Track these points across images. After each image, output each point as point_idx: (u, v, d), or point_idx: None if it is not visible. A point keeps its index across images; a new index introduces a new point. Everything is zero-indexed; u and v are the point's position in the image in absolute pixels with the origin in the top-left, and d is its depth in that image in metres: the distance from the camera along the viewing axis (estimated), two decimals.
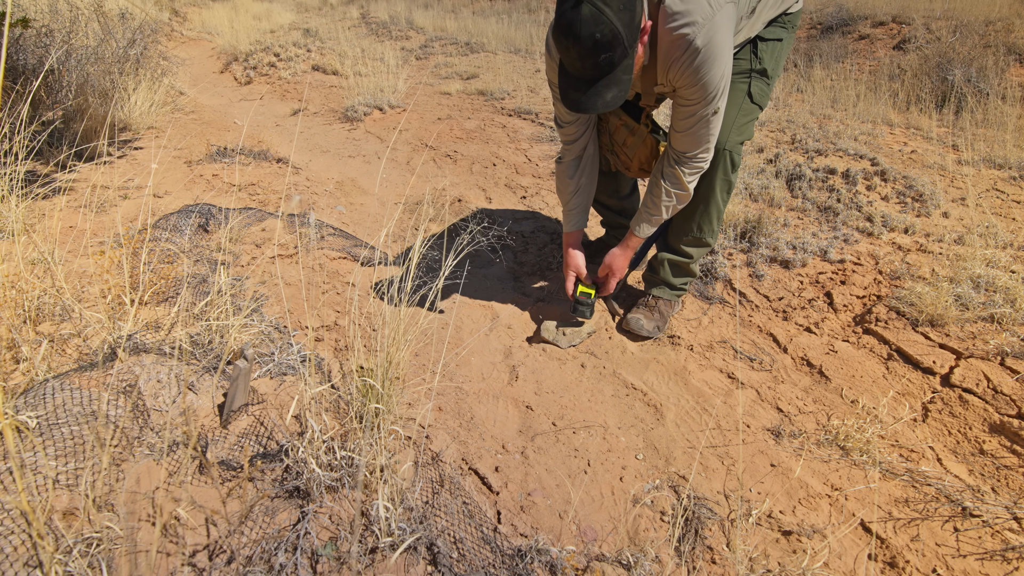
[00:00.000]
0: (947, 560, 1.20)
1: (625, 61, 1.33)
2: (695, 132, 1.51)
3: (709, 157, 1.58)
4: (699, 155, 1.57)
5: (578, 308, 1.86)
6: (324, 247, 2.22)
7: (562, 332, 1.86)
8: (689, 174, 1.60)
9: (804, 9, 6.52)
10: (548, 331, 1.85)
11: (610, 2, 1.25)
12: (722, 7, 1.37)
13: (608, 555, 1.16)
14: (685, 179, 1.60)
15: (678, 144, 1.57)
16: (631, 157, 1.81)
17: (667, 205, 1.67)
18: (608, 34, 1.26)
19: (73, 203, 2.30)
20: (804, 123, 3.68)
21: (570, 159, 1.81)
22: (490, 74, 5.28)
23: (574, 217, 1.86)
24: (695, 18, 1.34)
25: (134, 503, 0.99)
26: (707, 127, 1.50)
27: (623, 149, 1.82)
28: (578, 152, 1.79)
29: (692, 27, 1.35)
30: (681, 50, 1.38)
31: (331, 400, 1.37)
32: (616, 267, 1.81)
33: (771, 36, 1.67)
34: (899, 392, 1.67)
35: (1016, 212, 2.55)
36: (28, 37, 2.71)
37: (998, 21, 5.07)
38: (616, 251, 1.81)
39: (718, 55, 1.38)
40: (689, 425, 1.56)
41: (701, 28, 1.35)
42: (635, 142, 1.78)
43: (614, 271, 1.82)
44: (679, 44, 1.38)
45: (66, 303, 1.46)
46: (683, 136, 1.54)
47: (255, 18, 8.57)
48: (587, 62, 1.31)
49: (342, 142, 4.04)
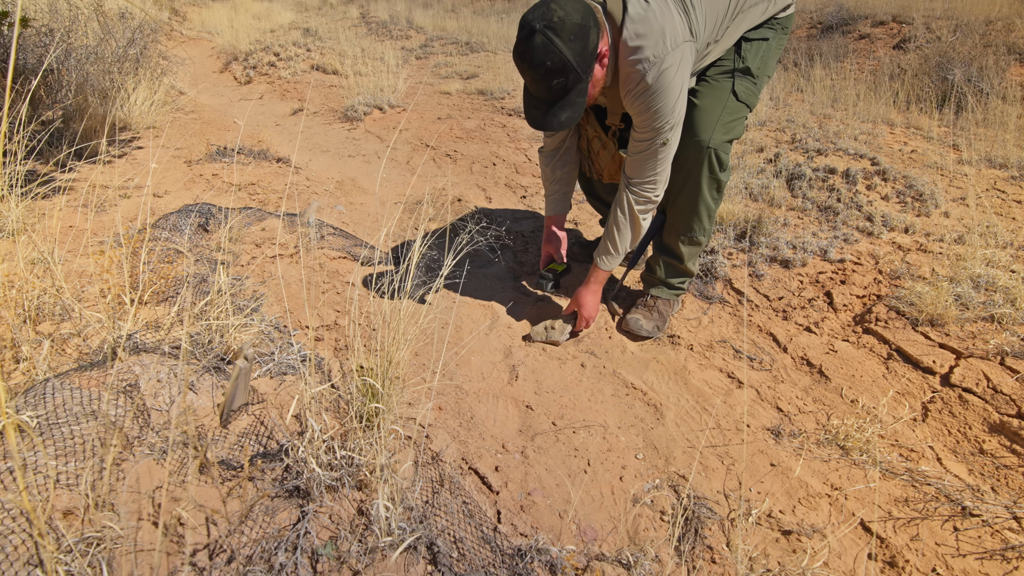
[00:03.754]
0: (947, 560, 1.20)
1: (579, 86, 1.44)
2: (643, 161, 1.58)
3: (658, 189, 1.62)
4: (646, 185, 1.61)
5: (539, 281, 1.97)
6: (324, 247, 2.22)
7: (552, 327, 1.84)
8: (638, 204, 1.64)
9: (804, 8, 6.53)
10: (538, 333, 1.84)
11: (561, 33, 1.35)
12: (678, 45, 1.44)
13: (608, 554, 1.16)
14: (635, 208, 1.64)
15: (629, 169, 1.64)
16: (602, 167, 1.92)
17: (619, 235, 1.70)
18: (558, 63, 1.37)
19: (73, 203, 2.29)
20: (804, 122, 3.68)
21: (550, 150, 1.92)
22: (490, 73, 5.28)
23: (553, 203, 1.99)
24: (648, 55, 1.42)
25: (135, 503, 0.99)
26: (655, 158, 1.56)
27: (596, 158, 1.92)
28: (557, 144, 1.90)
29: (644, 63, 1.43)
30: (634, 83, 1.47)
31: (331, 400, 1.37)
32: (584, 305, 1.81)
33: (756, 36, 1.70)
34: (899, 392, 1.67)
35: (1016, 212, 2.55)
36: (28, 36, 2.71)
37: (998, 21, 5.07)
38: (582, 290, 1.82)
39: (668, 91, 1.46)
40: (689, 425, 1.56)
41: (653, 65, 1.43)
42: (605, 155, 1.87)
43: (582, 310, 1.81)
44: (632, 77, 1.47)
45: (66, 303, 1.46)
46: (633, 162, 1.61)
47: (255, 17, 8.56)
48: (541, 85, 1.43)
49: (342, 142, 4.04)
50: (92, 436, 1.06)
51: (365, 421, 1.22)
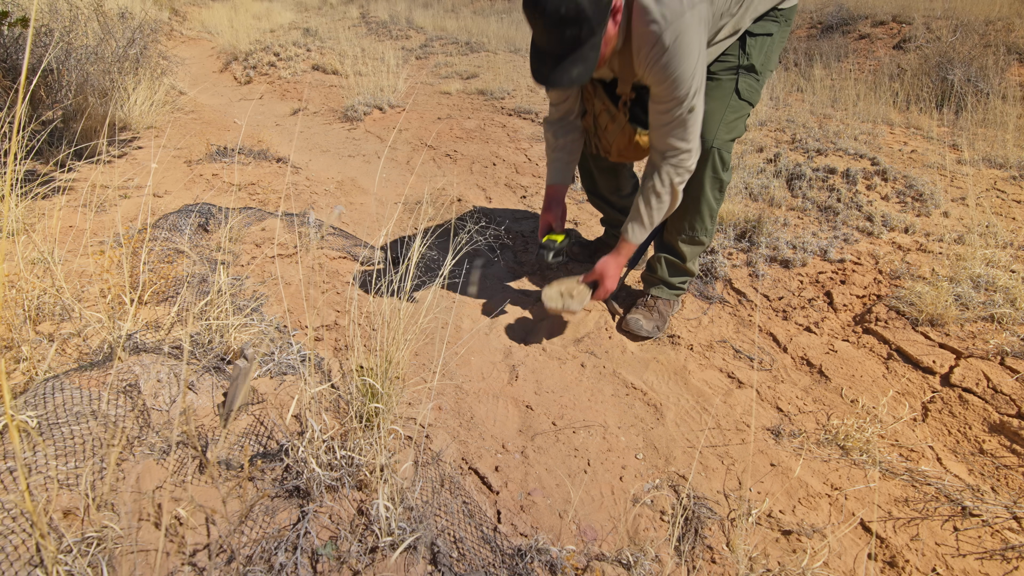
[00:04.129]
0: (947, 559, 1.20)
1: (592, 39, 1.36)
2: (672, 131, 1.51)
3: (692, 158, 1.56)
4: (681, 156, 1.55)
5: (540, 252, 1.85)
6: (324, 247, 2.22)
7: (569, 295, 1.74)
8: (678, 176, 1.58)
9: (804, 8, 6.53)
10: (552, 299, 1.72)
11: None
12: (694, 5, 1.37)
13: (608, 554, 1.16)
14: (673, 180, 1.58)
15: (659, 143, 1.56)
16: (610, 142, 1.81)
17: (656, 207, 1.64)
18: (573, 10, 1.29)
19: (73, 203, 2.29)
20: (804, 122, 3.68)
21: (555, 118, 1.84)
22: (490, 73, 5.28)
23: (555, 171, 1.88)
24: (664, 14, 1.35)
25: (135, 503, 0.99)
26: (683, 127, 1.50)
27: (604, 134, 1.81)
28: (562, 114, 1.82)
29: (660, 23, 1.36)
30: (649, 45, 1.40)
31: (331, 400, 1.37)
32: (607, 275, 1.75)
33: (761, 31, 1.65)
34: (899, 392, 1.67)
35: (1016, 212, 2.55)
36: (28, 36, 2.71)
37: (998, 20, 5.07)
38: (608, 258, 1.76)
39: (686, 53, 1.39)
40: (689, 424, 1.56)
41: (669, 25, 1.36)
42: (614, 129, 1.77)
43: (604, 280, 1.76)
44: (648, 39, 1.39)
45: (66, 303, 1.46)
46: (662, 135, 1.54)
47: (255, 17, 8.56)
48: (553, 36, 1.35)
49: (342, 142, 4.04)
50: (92, 436, 1.06)
51: (365, 421, 1.22)
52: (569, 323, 1.94)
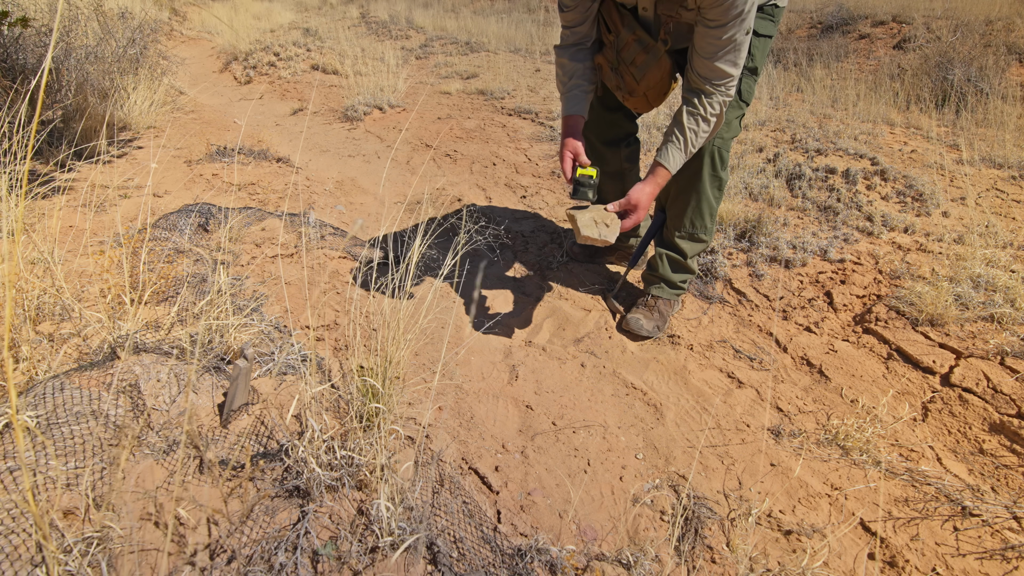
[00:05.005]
0: (947, 559, 1.20)
1: None
2: (724, 55, 1.44)
3: (736, 84, 1.50)
4: (730, 82, 1.48)
5: (579, 190, 1.67)
6: (324, 246, 2.22)
7: (604, 224, 1.61)
8: (724, 101, 1.51)
9: (804, 8, 6.54)
10: (588, 226, 1.59)
11: None
12: None
13: (608, 554, 1.16)
14: (723, 105, 1.52)
15: (704, 71, 1.48)
16: (638, 79, 1.65)
17: (702, 132, 1.54)
18: None
19: (73, 202, 2.29)
20: (804, 122, 3.68)
21: (570, 43, 1.71)
22: (490, 73, 5.28)
23: (572, 101, 1.71)
24: None
25: (136, 503, 0.99)
26: (737, 50, 1.43)
27: (631, 69, 1.64)
28: (578, 39, 1.69)
29: None
30: None
31: (331, 400, 1.37)
32: (640, 205, 1.61)
33: (763, 32, 1.65)
34: (899, 392, 1.67)
35: (1016, 211, 2.55)
36: (28, 36, 2.71)
37: (998, 20, 5.07)
38: (641, 185, 1.61)
39: None
40: (689, 424, 1.56)
41: None
42: (647, 60, 1.61)
43: (636, 206, 1.61)
44: None
45: (66, 303, 1.46)
46: (709, 63, 1.46)
47: (255, 17, 8.56)
48: None
49: (342, 141, 4.04)
50: (92, 436, 1.06)
51: (365, 421, 1.22)
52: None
